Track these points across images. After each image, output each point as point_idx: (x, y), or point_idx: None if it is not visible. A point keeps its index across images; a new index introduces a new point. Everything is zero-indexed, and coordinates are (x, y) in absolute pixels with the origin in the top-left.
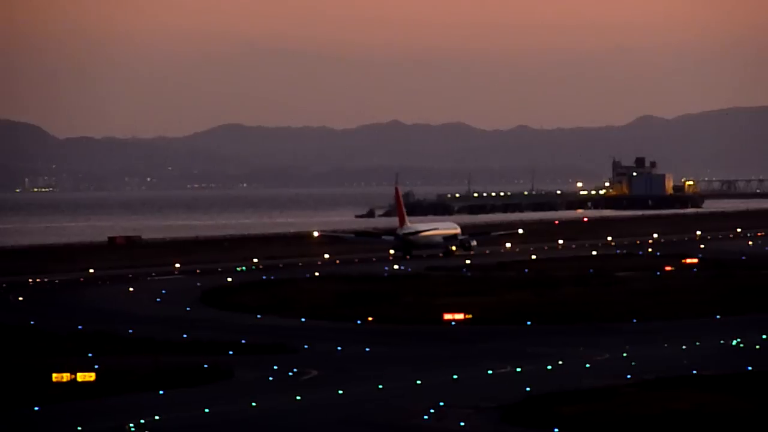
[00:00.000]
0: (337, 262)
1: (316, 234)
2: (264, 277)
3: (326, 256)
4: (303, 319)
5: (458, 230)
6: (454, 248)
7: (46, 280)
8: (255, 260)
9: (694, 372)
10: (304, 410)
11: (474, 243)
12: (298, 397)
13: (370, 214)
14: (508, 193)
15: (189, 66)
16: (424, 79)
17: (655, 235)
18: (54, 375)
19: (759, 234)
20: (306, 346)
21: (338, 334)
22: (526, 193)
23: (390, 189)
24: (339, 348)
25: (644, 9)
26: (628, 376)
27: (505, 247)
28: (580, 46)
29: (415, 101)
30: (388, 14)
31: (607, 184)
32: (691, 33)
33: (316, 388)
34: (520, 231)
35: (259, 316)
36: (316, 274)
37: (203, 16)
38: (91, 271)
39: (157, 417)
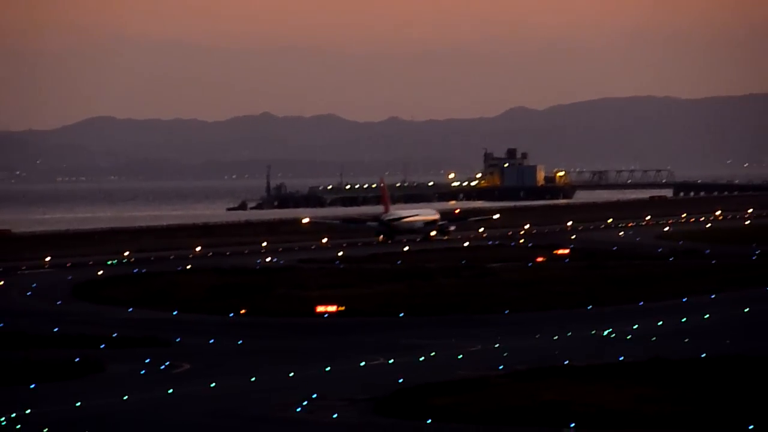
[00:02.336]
0: (210, 254)
1: (305, 221)
2: (135, 271)
3: (198, 249)
4: (175, 312)
5: (437, 216)
6: (433, 233)
7: None
8: (126, 253)
9: (566, 362)
10: (176, 403)
11: (452, 228)
12: (170, 391)
13: (242, 206)
14: None
15: (58, 58)
16: (295, 71)
17: (527, 226)
18: None
19: (630, 224)
20: (178, 339)
21: (210, 327)
22: (398, 185)
23: (261, 181)
24: (211, 341)
25: (514, 1)
26: (501, 367)
27: (478, 232)
28: (450, 38)
29: (287, 93)
30: (259, 5)
31: (479, 175)
32: (560, 25)
33: (188, 381)
34: (496, 216)
35: (130, 309)
36: (188, 266)
37: (71, 8)
38: None
39: (28, 411)
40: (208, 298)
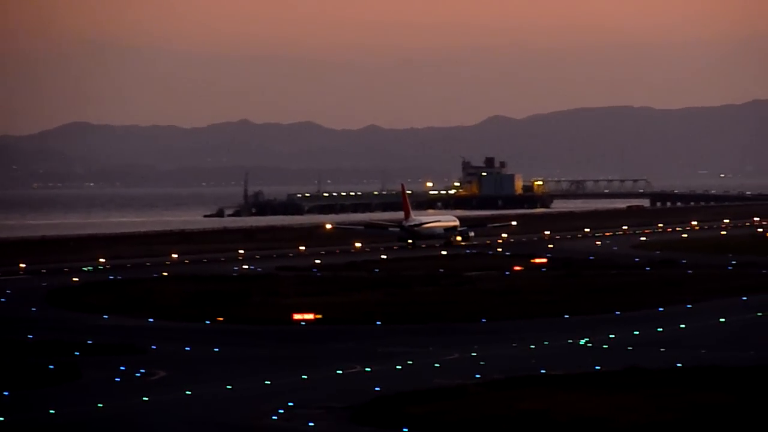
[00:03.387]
0: (186, 262)
1: (329, 227)
2: (111, 277)
3: (174, 256)
4: (151, 320)
5: (457, 222)
6: (459, 238)
7: None
8: (102, 260)
9: (543, 371)
10: (151, 411)
11: (472, 234)
12: (145, 398)
13: (219, 213)
14: (359, 193)
15: (34, 64)
16: (274, 78)
17: (505, 235)
18: None
19: (607, 234)
20: (154, 347)
21: (187, 334)
22: (376, 192)
23: (239, 188)
24: (187, 348)
25: (492, 9)
26: (477, 376)
27: (502, 237)
28: (431, 46)
29: (265, 100)
30: (238, 12)
31: (457, 184)
32: (535, 33)
33: (164, 388)
34: (514, 223)
35: (106, 316)
36: (165, 274)
37: (48, 13)
38: None
39: (2, 418)
40: (185, 306)
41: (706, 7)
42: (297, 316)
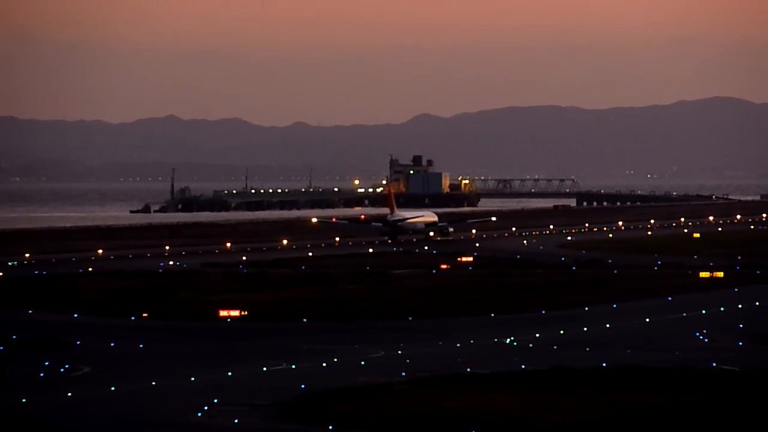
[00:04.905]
0: (112, 257)
1: (314, 221)
2: (36, 272)
3: (100, 251)
4: (76, 315)
5: (436, 218)
6: (432, 233)
7: None
8: (27, 255)
9: (468, 370)
10: (75, 407)
11: (451, 229)
12: (69, 394)
13: (146, 209)
14: (286, 190)
15: None
16: (201, 74)
17: (431, 233)
18: None
19: (534, 233)
20: (78, 342)
21: (112, 330)
22: (303, 190)
23: (166, 184)
24: (112, 344)
25: (420, 7)
26: (403, 374)
27: (473, 234)
28: (359, 43)
29: (192, 96)
30: (164, 7)
31: (384, 182)
32: (468, 33)
33: (88, 384)
34: (493, 219)
35: (30, 311)
36: (90, 269)
37: None
38: None
39: None
40: (110, 301)
41: (634, 9)
42: (223, 313)
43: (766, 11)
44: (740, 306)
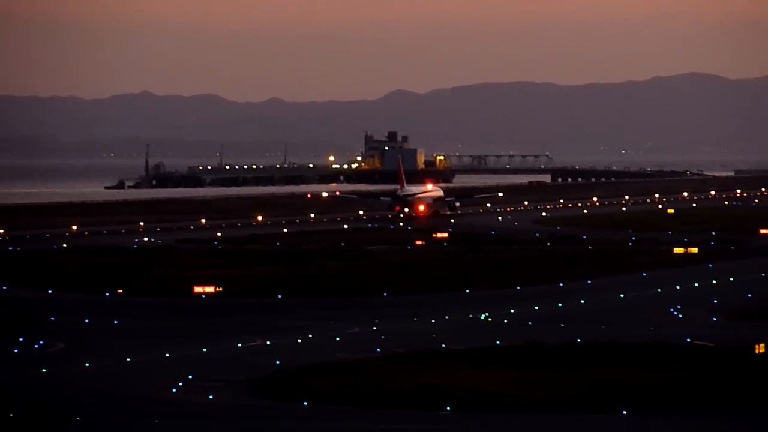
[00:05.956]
0: (86, 233)
1: (325, 194)
2: (10, 249)
3: (74, 227)
4: (50, 291)
5: (442, 193)
6: (438, 209)
7: None
8: (1, 231)
9: (443, 346)
10: (50, 383)
11: (458, 204)
12: (44, 370)
13: (120, 185)
14: (261, 166)
15: None
16: (176, 50)
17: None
18: None
19: (508, 209)
20: (53, 318)
21: (86, 306)
22: (278, 166)
23: (140, 160)
24: (87, 320)
25: None
26: (378, 350)
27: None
28: (333, 19)
29: (167, 72)
30: None
31: (359, 158)
32: (441, 9)
33: (63, 360)
34: (500, 194)
35: (5, 287)
36: (64, 245)
37: None
38: None
39: None
40: (85, 278)
41: None
42: (197, 289)
43: None
44: (714, 282)
